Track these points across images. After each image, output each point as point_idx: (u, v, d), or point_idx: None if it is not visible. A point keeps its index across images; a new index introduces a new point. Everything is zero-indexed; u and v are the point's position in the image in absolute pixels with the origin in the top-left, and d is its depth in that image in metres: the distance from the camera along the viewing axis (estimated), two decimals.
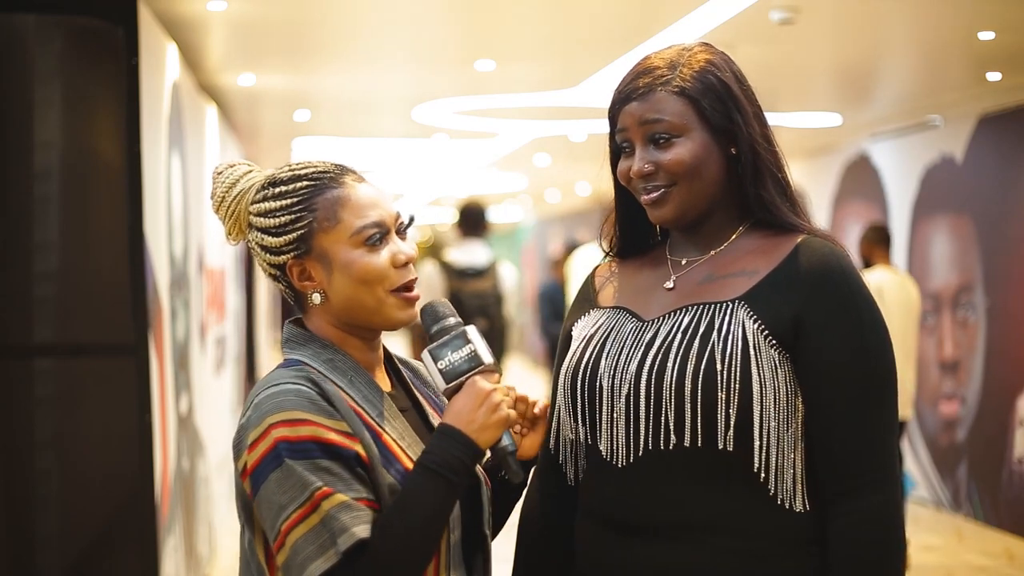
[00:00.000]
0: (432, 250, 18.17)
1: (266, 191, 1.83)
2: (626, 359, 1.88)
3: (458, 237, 7.10)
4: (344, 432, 1.72)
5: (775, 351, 1.82)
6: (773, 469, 1.81)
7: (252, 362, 11.91)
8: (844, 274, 1.86)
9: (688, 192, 1.90)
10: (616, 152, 1.97)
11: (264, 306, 13.53)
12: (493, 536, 1.94)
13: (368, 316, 1.83)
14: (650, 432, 1.84)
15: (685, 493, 1.83)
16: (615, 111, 1.95)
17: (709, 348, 1.82)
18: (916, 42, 6.37)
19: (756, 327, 1.82)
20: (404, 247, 1.84)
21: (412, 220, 1.88)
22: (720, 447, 1.80)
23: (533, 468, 2.00)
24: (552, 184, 15.43)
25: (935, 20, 5.68)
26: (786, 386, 1.82)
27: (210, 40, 5.98)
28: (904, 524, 1.85)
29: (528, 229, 22.32)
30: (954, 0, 5.31)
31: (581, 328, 1.99)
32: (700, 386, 1.81)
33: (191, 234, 5.97)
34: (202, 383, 6.29)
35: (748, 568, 1.81)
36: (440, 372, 1.81)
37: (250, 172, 1.87)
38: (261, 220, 1.83)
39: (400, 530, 1.70)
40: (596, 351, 1.92)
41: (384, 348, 1.94)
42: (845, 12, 5.60)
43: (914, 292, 6.71)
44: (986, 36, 5.83)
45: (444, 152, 11.82)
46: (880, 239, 6.83)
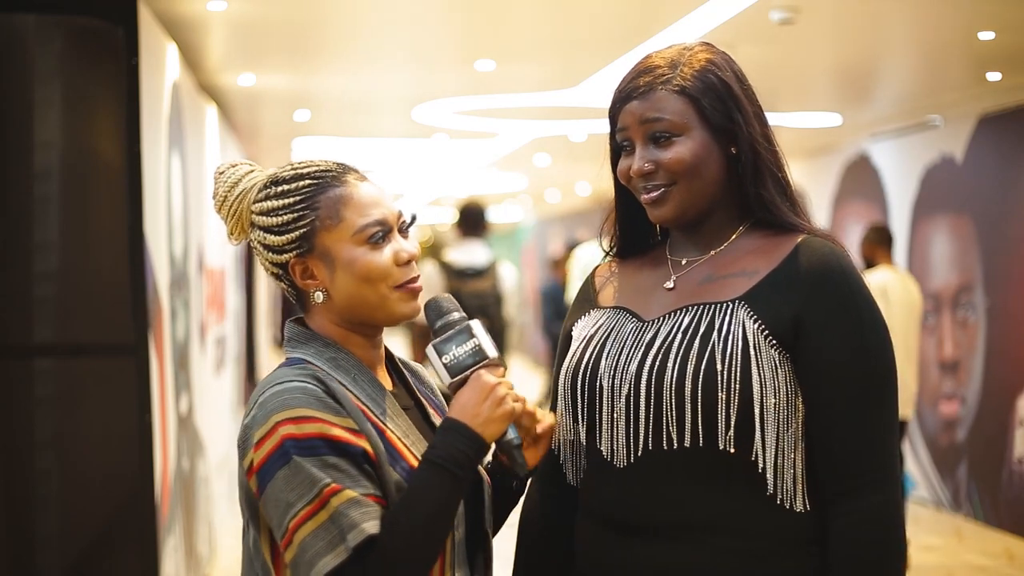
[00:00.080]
0: (432, 250, 18.17)
1: (268, 190, 1.84)
2: (626, 359, 1.88)
3: (458, 237, 7.09)
4: (351, 429, 1.73)
5: (775, 351, 1.82)
6: (773, 469, 1.81)
7: (252, 362, 11.91)
8: (844, 274, 1.85)
9: (688, 191, 1.90)
10: (616, 151, 1.97)
11: (264, 306, 13.53)
12: (492, 535, 1.94)
13: (371, 312, 1.83)
14: (650, 432, 1.84)
15: (685, 493, 1.83)
16: (615, 110, 1.95)
17: (709, 348, 1.82)
18: (916, 42, 6.36)
19: (756, 327, 1.82)
20: (406, 245, 1.84)
21: (414, 219, 1.88)
22: (720, 447, 1.80)
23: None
24: (552, 184, 15.43)
25: (935, 20, 5.68)
26: (786, 386, 1.82)
27: (210, 40, 5.98)
28: (904, 524, 1.85)
29: (528, 229, 22.32)
30: (954, 0, 5.31)
31: (581, 328, 1.99)
32: (700, 386, 1.81)
33: (191, 234, 5.97)
34: (202, 383, 6.29)
35: (748, 568, 1.81)
36: (445, 367, 1.81)
37: (252, 172, 1.87)
38: (263, 219, 1.83)
39: (408, 525, 1.70)
40: (596, 351, 1.92)
41: (385, 347, 1.94)
42: (845, 12, 5.60)
43: (916, 292, 6.72)
44: (986, 36, 5.83)
45: (444, 152, 11.81)
46: (882, 239, 6.83)
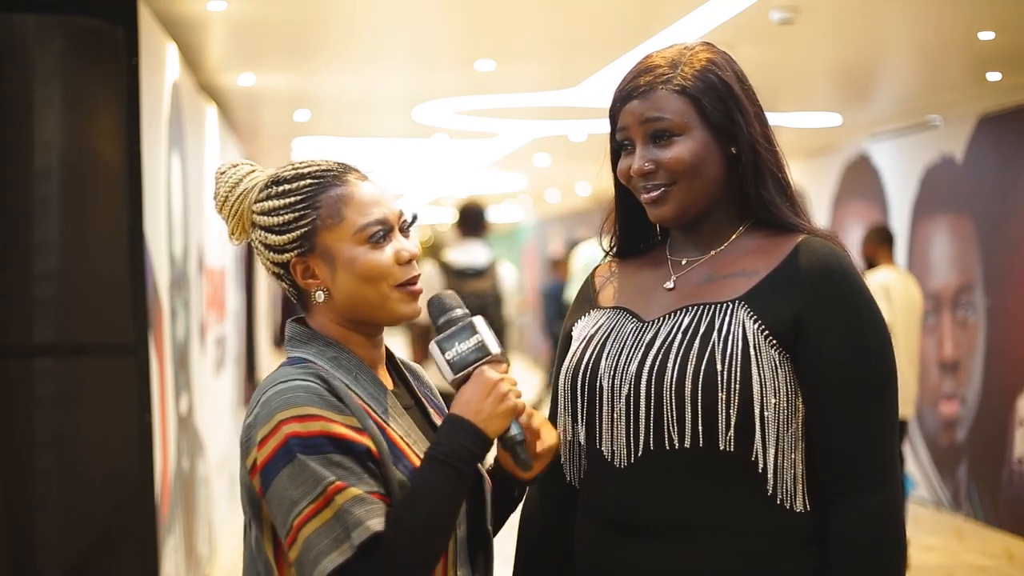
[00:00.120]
0: (432, 250, 18.18)
1: (269, 190, 1.84)
2: (626, 360, 1.88)
3: (457, 237, 7.08)
4: (354, 427, 1.73)
5: (775, 351, 1.82)
6: (773, 469, 1.81)
7: (252, 362, 11.91)
8: (844, 274, 1.85)
9: (688, 191, 1.90)
10: (616, 151, 1.96)
11: (264, 306, 13.53)
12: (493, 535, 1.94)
13: (372, 311, 1.83)
14: (651, 433, 1.84)
15: (685, 493, 1.83)
16: (616, 109, 1.94)
17: (709, 349, 1.82)
18: (916, 42, 6.36)
19: (756, 327, 1.82)
20: (407, 244, 1.84)
21: (415, 218, 1.89)
22: (720, 447, 1.80)
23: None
24: (552, 184, 15.43)
25: (935, 20, 5.67)
26: (786, 386, 1.82)
27: (210, 40, 5.98)
28: (904, 524, 1.85)
29: (528, 229, 22.33)
30: (954, 0, 5.31)
31: (581, 328, 1.99)
32: (700, 387, 1.80)
33: (191, 234, 5.97)
34: (202, 383, 6.28)
35: (748, 568, 1.81)
36: (448, 363, 1.81)
37: (253, 172, 1.87)
38: (265, 219, 1.83)
39: (412, 522, 1.70)
40: (596, 351, 1.92)
41: (386, 347, 1.94)
42: (845, 12, 5.60)
43: (916, 292, 6.73)
44: (986, 36, 5.83)
45: (444, 152, 11.81)
46: (883, 239, 6.84)
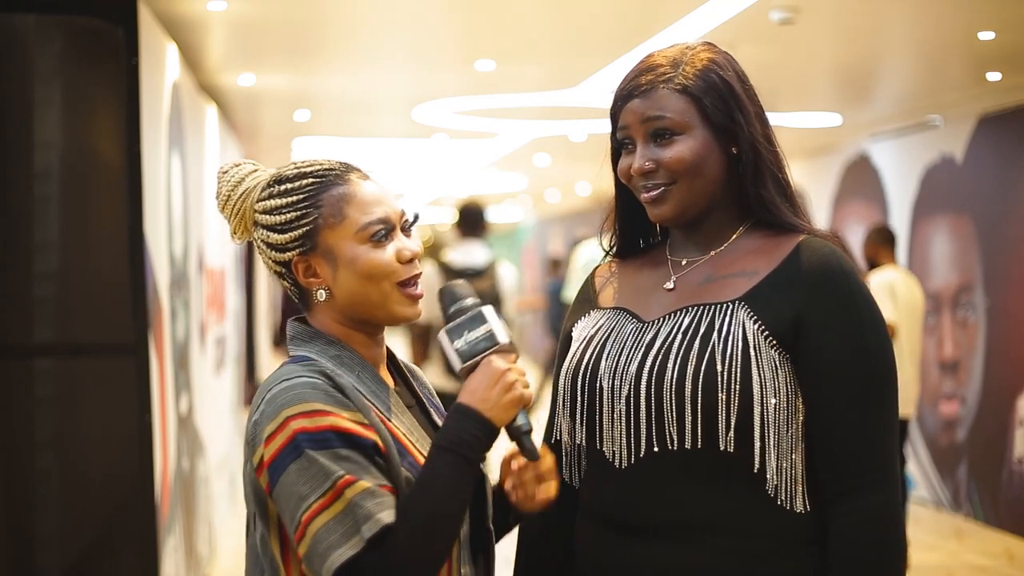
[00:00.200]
0: (432, 250, 18.19)
1: (272, 189, 1.84)
2: (626, 360, 1.88)
3: (457, 237, 7.07)
4: (360, 422, 1.73)
5: (775, 352, 1.82)
6: (773, 470, 1.81)
7: (252, 362, 11.91)
8: (844, 274, 1.85)
9: (688, 190, 1.89)
10: (617, 150, 1.96)
11: (264, 306, 13.53)
12: (496, 539, 1.93)
13: (373, 310, 1.83)
14: (651, 433, 1.84)
15: (685, 493, 1.83)
16: (617, 108, 1.94)
17: (709, 349, 1.82)
18: (916, 42, 6.36)
19: (756, 328, 1.82)
20: (409, 243, 1.84)
21: (417, 218, 1.89)
22: (721, 448, 1.80)
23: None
24: (552, 184, 15.44)
25: (935, 20, 5.67)
26: (786, 387, 1.82)
27: (210, 40, 5.98)
28: (905, 524, 1.85)
29: (528, 229, 22.33)
30: (954, 0, 5.31)
31: (581, 329, 1.99)
32: (700, 387, 1.80)
33: (191, 234, 5.97)
34: (202, 383, 6.28)
35: (748, 568, 1.81)
36: (456, 352, 1.81)
37: (255, 171, 1.88)
38: (267, 217, 1.83)
39: (422, 512, 1.70)
40: (596, 352, 1.92)
41: (387, 348, 1.94)
42: (845, 12, 5.60)
43: (918, 292, 6.74)
44: (986, 36, 5.83)
45: (444, 152, 11.82)
46: (885, 239, 6.85)
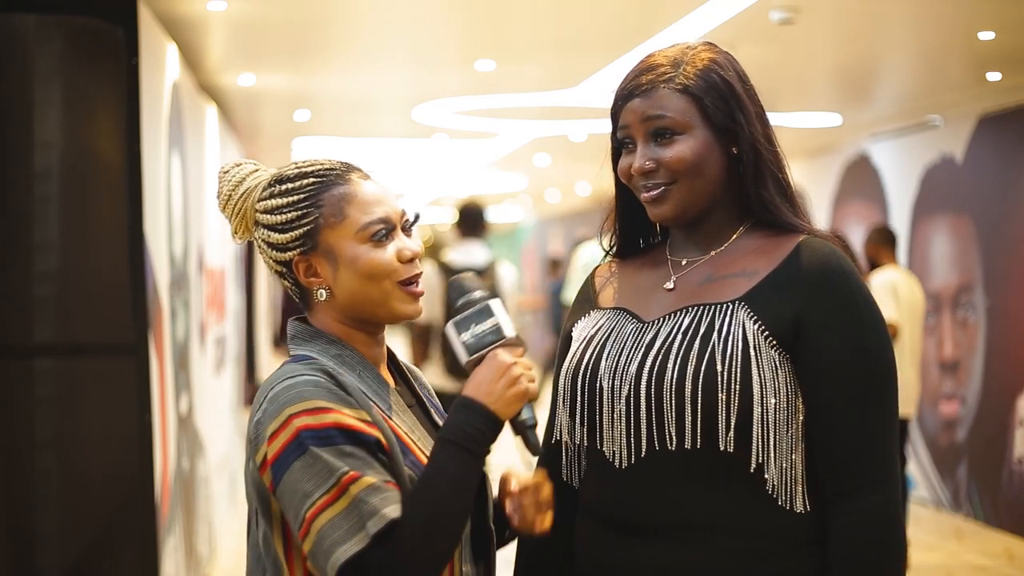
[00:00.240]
0: (432, 250, 18.19)
1: (273, 188, 1.84)
2: (626, 360, 1.88)
3: (457, 237, 7.07)
4: (364, 420, 1.73)
5: (775, 352, 1.82)
6: (773, 470, 1.81)
7: (252, 362, 11.91)
8: (844, 274, 1.85)
9: (688, 190, 1.89)
10: (617, 149, 1.96)
11: (264, 306, 13.53)
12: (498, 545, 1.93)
13: (373, 309, 1.83)
14: (653, 434, 1.84)
15: (685, 493, 1.83)
16: (617, 108, 1.94)
17: (709, 349, 1.82)
18: (916, 42, 6.36)
19: (756, 328, 1.82)
20: (410, 243, 1.84)
21: (418, 217, 1.89)
22: (721, 448, 1.80)
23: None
24: (552, 184, 15.44)
25: (935, 20, 5.67)
26: (786, 387, 1.82)
27: (210, 40, 5.98)
28: (905, 524, 1.85)
29: (528, 229, 22.34)
30: (954, 0, 5.31)
31: (581, 329, 1.99)
32: (700, 387, 1.80)
33: (191, 234, 5.97)
34: (202, 383, 6.28)
35: (748, 568, 1.81)
36: (463, 344, 1.81)
37: (256, 171, 1.88)
38: (268, 217, 1.84)
39: (427, 507, 1.70)
40: (596, 352, 1.92)
41: (387, 348, 1.94)
42: (845, 12, 5.60)
43: (919, 292, 6.76)
44: (986, 36, 5.83)
45: (444, 152, 11.82)
46: (886, 240, 6.86)
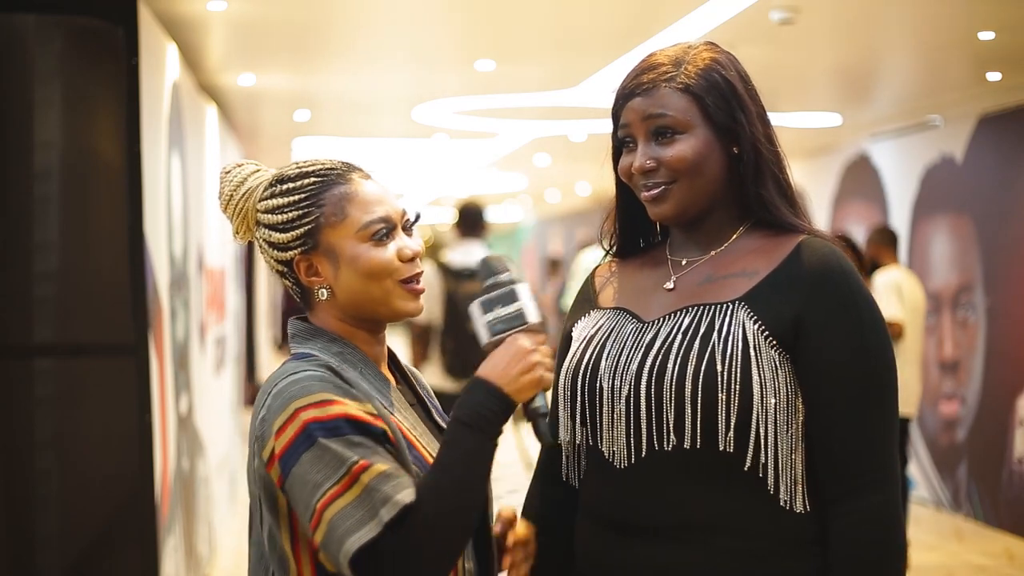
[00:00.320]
0: (431, 250, 18.20)
1: (274, 188, 1.85)
2: (626, 360, 1.88)
3: (456, 238, 7.07)
4: (369, 412, 1.73)
5: (775, 352, 1.82)
6: (774, 470, 1.81)
7: (252, 362, 11.92)
8: (844, 274, 1.85)
9: (689, 189, 1.89)
10: (618, 148, 1.96)
11: (264, 306, 13.53)
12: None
13: (375, 308, 1.83)
14: (652, 433, 1.84)
15: (686, 494, 1.83)
16: (618, 106, 1.94)
17: (709, 349, 1.82)
18: (916, 42, 6.36)
19: (756, 328, 1.82)
20: (410, 242, 1.85)
21: (418, 217, 1.89)
22: (721, 448, 1.80)
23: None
24: (552, 184, 15.45)
25: (935, 20, 5.67)
26: (786, 387, 1.82)
27: (210, 40, 5.98)
28: (905, 524, 1.85)
29: (528, 229, 22.34)
30: (954, 0, 5.31)
31: (581, 329, 1.99)
32: (700, 387, 1.80)
33: (191, 234, 5.97)
34: (202, 383, 6.28)
35: (748, 568, 1.81)
36: (486, 324, 1.81)
37: (258, 171, 1.89)
38: (269, 217, 1.84)
39: (442, 489, 1.70)
40: (596, 352, 1.92)
41: (388, 348, 1.94)
42: (845, 12, 5.60)
43: (920, 292, 6.77)
44: (986, 36, 5.83)
45: (444, 152, 11.82)
46: (887, 240, 6.88)
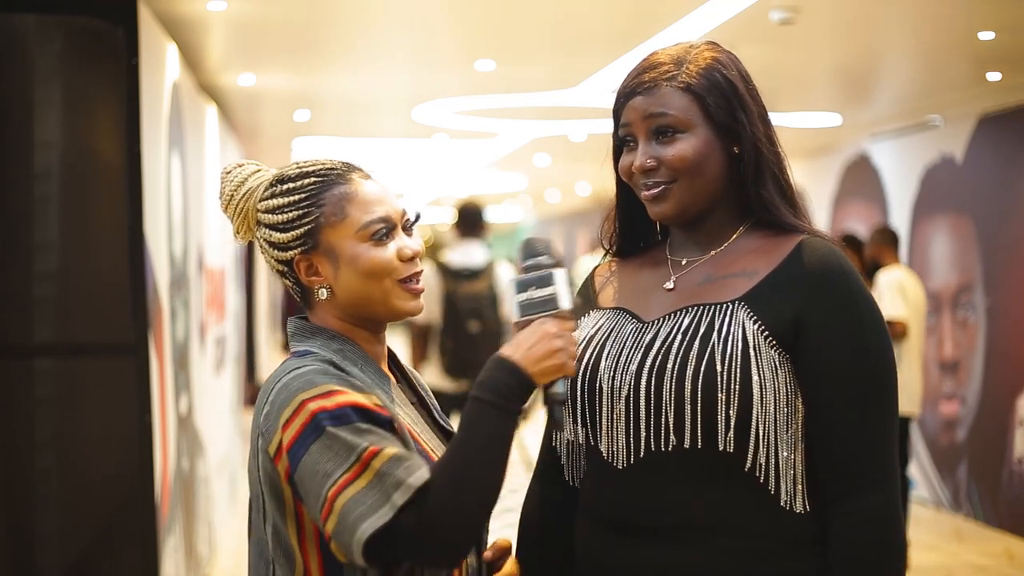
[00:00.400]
0: (431, 250, 18.21)
1: (274, 188, 1.85)
2: (626, 360, 1.88)
3: (456, 238, 7.07)
4: (375, 402, 1.74)
5: (775, 352, 1.82)
6: (773, 470, 1.81)
7: (252, 362, 11.92)
8: (844, 274, 1.85)
9: (689, 189, 1.89)
10: (619, 147, 1.96)
11: (264, 306, 13.53)
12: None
13: (374, 307, 1.84)
14: (651, 434, 1.84)
15: (685, 494, 1.83)
16: (619, 105, 1.94)
17: (709, 349, 1.82)
18: (916, 42, 6.36)
19: (756, 328, 1.82)
20: (410, 242, 1.85)
21: (418, 217, 1.89)
22: (720, 448, 1.80)
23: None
24: (552, 184, 15.45)
25: (935, 20, 5.67)
26: (786, 387, 1.82)
27: (210, 40, 5.98)
28: (905, 524, 1.85)
29: (528, 229, 22.35)
30: (954, 0, 5.31)
31: (581, 329, 1.98)
32: (700, 387, 1.80)
33: (191, 234, 5.97)
34: (202, 383, 6.28)
35: (748, 568, 1.81)
36: (517, 304, 1.81)
37: (258, 171, 1.90)
38: (269, 217, 1.84)
39: (457, 467, 1.69)
40: (596, 352, 1.92)
41: (388, 348, 1.94)
42: (845, 12, 5.60)
43: (921, 292, 6.78)
44: (986, 36, 5.83)
45: (444, 152, 11.82)
46: (888, 240, 6.89)
